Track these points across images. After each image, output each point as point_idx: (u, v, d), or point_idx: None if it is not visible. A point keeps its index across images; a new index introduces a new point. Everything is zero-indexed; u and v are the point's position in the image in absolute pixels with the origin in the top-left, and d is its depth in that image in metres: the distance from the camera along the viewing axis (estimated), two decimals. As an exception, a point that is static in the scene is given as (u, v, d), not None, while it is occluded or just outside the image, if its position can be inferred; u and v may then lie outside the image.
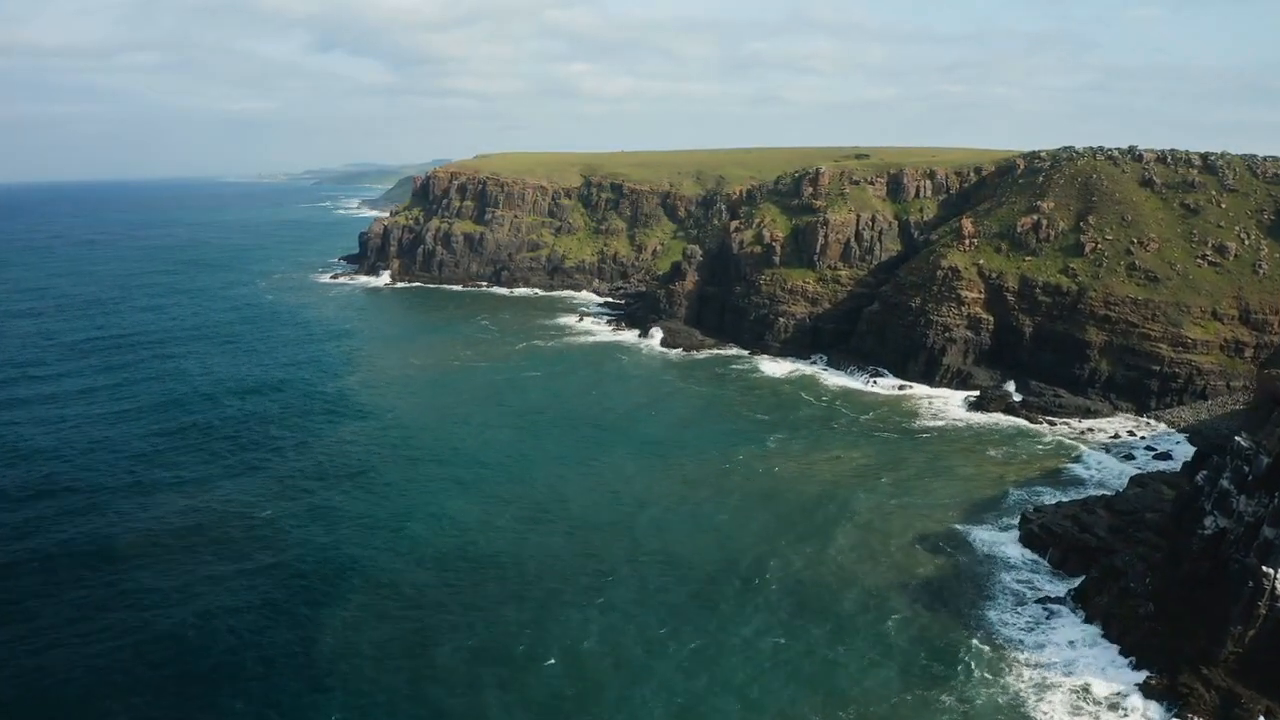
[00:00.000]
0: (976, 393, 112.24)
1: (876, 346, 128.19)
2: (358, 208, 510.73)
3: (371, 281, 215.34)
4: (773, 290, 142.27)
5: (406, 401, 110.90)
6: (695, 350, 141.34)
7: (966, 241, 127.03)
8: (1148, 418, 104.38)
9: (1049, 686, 52.59)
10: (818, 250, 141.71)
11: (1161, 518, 66.97)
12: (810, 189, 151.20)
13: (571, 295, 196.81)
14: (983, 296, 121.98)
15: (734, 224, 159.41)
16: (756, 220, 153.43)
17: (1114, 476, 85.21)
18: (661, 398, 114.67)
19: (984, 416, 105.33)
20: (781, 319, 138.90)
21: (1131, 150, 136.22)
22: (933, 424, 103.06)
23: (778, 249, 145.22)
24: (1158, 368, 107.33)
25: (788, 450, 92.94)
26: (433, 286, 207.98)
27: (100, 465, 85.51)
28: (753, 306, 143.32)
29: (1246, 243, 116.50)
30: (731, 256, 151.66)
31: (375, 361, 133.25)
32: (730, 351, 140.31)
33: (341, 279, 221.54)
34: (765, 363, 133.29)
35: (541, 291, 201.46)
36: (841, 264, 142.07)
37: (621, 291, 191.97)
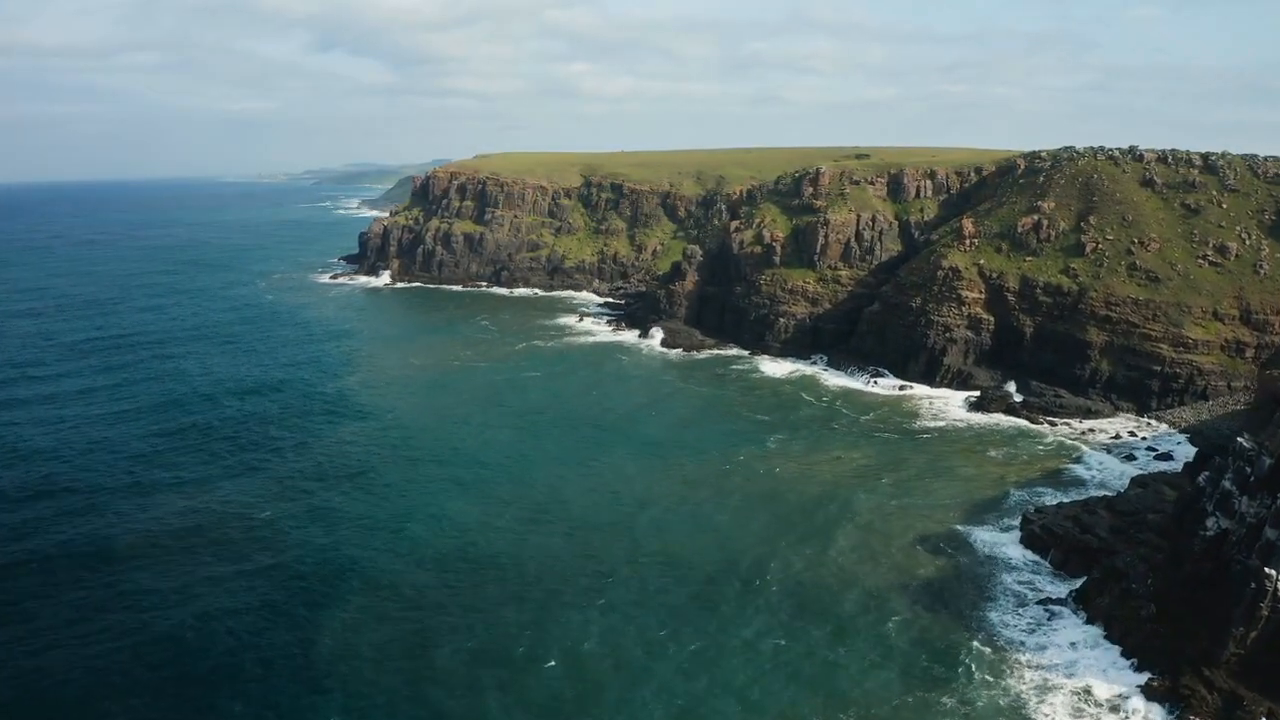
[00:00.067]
0: (977, 393, 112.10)
1: (877, 347, 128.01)
2: (358, 208, 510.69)
3: (371, 282, 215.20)
4: (773, 290, 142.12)
5: (406, 402, 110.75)
6: (695, 350, 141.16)
7: (967, 241, 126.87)
8: (1148, 418, 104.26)
9: (1050, 688, 52.44)
10: (818, 250, 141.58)
11: (1163, 519, 66.85)
12: (810, 189, 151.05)
13: (571, 295, 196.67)
14: (983, 297, 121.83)
15: (734, 224, 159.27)
16: (757, 220, 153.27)
17: (1115, 477, 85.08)
18: (662, 398, 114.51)
19: (985, 417, 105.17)
20: (782, 319, 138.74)
21: (1132, 150, 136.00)
22: (933, 424, 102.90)
23: (778, 249, 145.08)
24: (1158, 368, 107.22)
25: (788, 451, 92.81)
26: (432, 287, 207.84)
27: (99, 466, 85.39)
28: (753, 307, 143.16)
29: (1247, 243, 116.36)
30: (732, 256, 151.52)
31: (375, 362, 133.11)
32: (730, 352, 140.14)
33: (341, 279, 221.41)
34: (765, 363, 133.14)
35: (541, 292, 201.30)
36: (842, 264, 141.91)
37: (621, 292, 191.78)
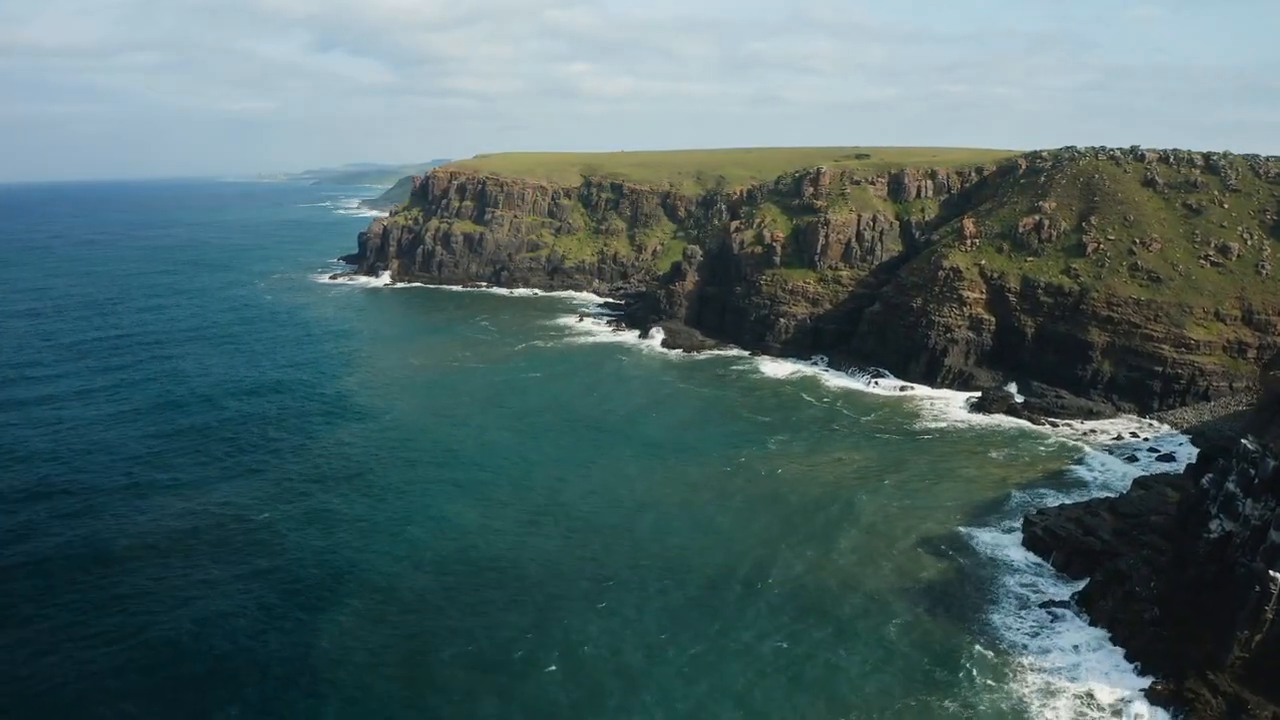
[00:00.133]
0: (978, 394, 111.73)
1: (878, 347, 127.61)
2: (357, 208, 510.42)
3: (371, 282, 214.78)
4: (773, 291, 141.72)
5: (405, 403, 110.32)
6: (696, 351, 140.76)
7: (968, 242, 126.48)
8: (1150, 419, 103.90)
9: (1053, 692, 52.09)
10: (818, 250, 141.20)
11: (1166, 521, 66.51)
12: (811, 189, 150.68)
13: (571, 296, 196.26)
14: (984, 297, 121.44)
15: (734, 224, 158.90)
16: (757, 220, 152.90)
17: (1117, 478, 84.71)
18: (662, 399, 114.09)
19: (986, 418, 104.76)
20: (782, 319, 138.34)
21: (1134, 150, 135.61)
22: (934, 425, 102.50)
23: (778, 249, 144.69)
24: (1160, 369, 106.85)
25: (789, 452, 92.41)
26: (432, 287, 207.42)
27: (96, 467, 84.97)
28: (753, 307, 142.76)
29: (1249, 243, 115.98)
30: (732, 257, 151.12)
31: (374, 362, 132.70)
32: (731, 352, 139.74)
33: (341, 279, 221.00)
34: (766, 363, 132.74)
35: (541, 292, 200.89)
36: (842, 264, 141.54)
37: (621, 292, 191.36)
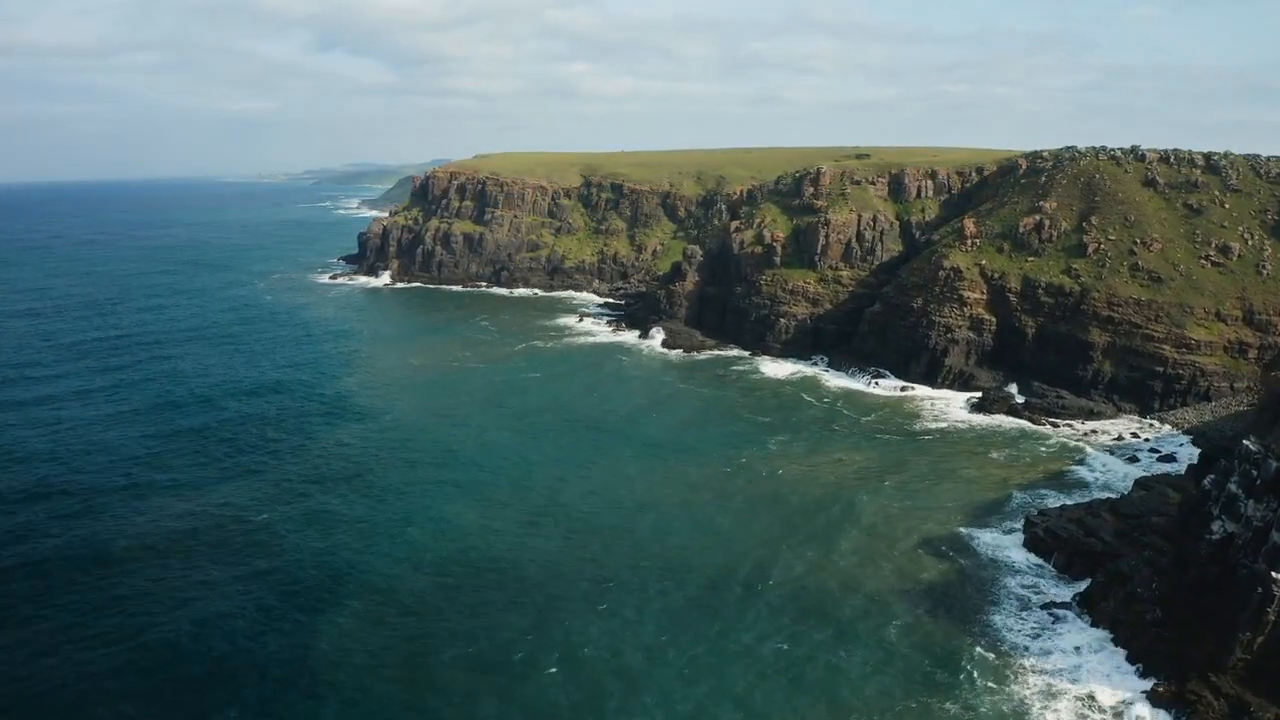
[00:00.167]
0: (979, 394, 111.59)
1: (878, 347, 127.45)
2: (357, 208, 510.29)
3: (371, 282, 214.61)
4: (773, 291, 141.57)
5: (405, 403, 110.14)
6: (696, 351, 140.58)
7: (968, 242, 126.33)
8: (1151, 419, 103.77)
9: (1054, 694, 51.92)
10: (819, 250, 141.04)
11: (1168, 522, 66.32)
12: (811, 189, 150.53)
13: (571, 296, 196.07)
14: (985, 297, 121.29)
15: (734, 224, 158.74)
16: (757, 220, 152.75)
17: (1118, 479, 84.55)
18: (662, 399, 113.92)
19: (987, 418, 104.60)
20: (782, 320, 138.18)
21: (1134, 150, 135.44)
22: (935, 426, 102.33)
23: (778, 249, 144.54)
24: (1161, 369, 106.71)
25: (789, 452, 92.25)
26: (432, 287, 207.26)
27: (96, 468, 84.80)
28: (753, 307, 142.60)
29: (1250, 243, 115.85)
30: (732, 257, 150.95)
31: (374, 363, 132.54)
32: (731, 352, 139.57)
33: (341, 279, 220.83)
34: (766, 364, 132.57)
35: (541, 292, 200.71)
36: (843, 264, 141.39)
37: (621, 292, 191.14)
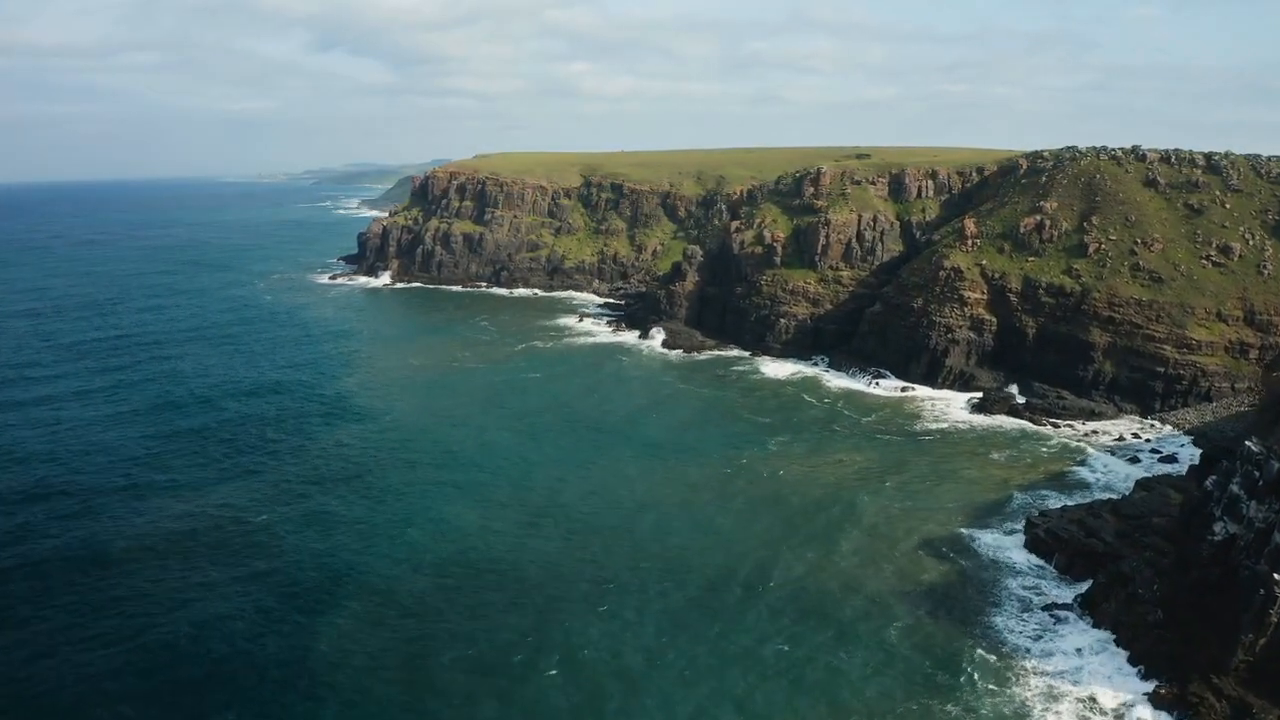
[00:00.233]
0: (979, 395, 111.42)
1: (878, 348, 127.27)
2: (357, 208, 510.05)
3: (370, 282, 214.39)
4: (774, 291, 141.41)
5: (405, 404, 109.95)
6: (696, 351, 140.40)
7: (969, 242, 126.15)
8: (1152, 420, 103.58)
9: (1056, 696, 51.73)
10: (819, 251, 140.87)
11: (1169, 523, 66.13)
12: (811, 189, 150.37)
13: (571, 296, 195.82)
14: (985, 297, 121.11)
15: (735, 224, 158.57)
16: (757, 220, 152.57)
17: (1120, 480, 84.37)
18: (662, 400, 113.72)
19: (987, 419, 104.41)
20: (783, 320, 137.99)
21: (1135, 150, 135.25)
22: (935, 426, 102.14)
23: (779, 249, 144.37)
24: (1162, 369, 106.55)
25: (790, 453, 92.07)
26: (432, 287, 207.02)
27: (95, 468, 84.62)
28: (754, 307, 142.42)
29: (1251, 243, 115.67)
30: (732, 257, 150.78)
31: (374, 363, 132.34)
32: (731, 353, 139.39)
33: (340, 279, 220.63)
34: (766, 364, 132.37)
35: (541, 292, 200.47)
36: (843, 264, 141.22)
37: (621, 292, 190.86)
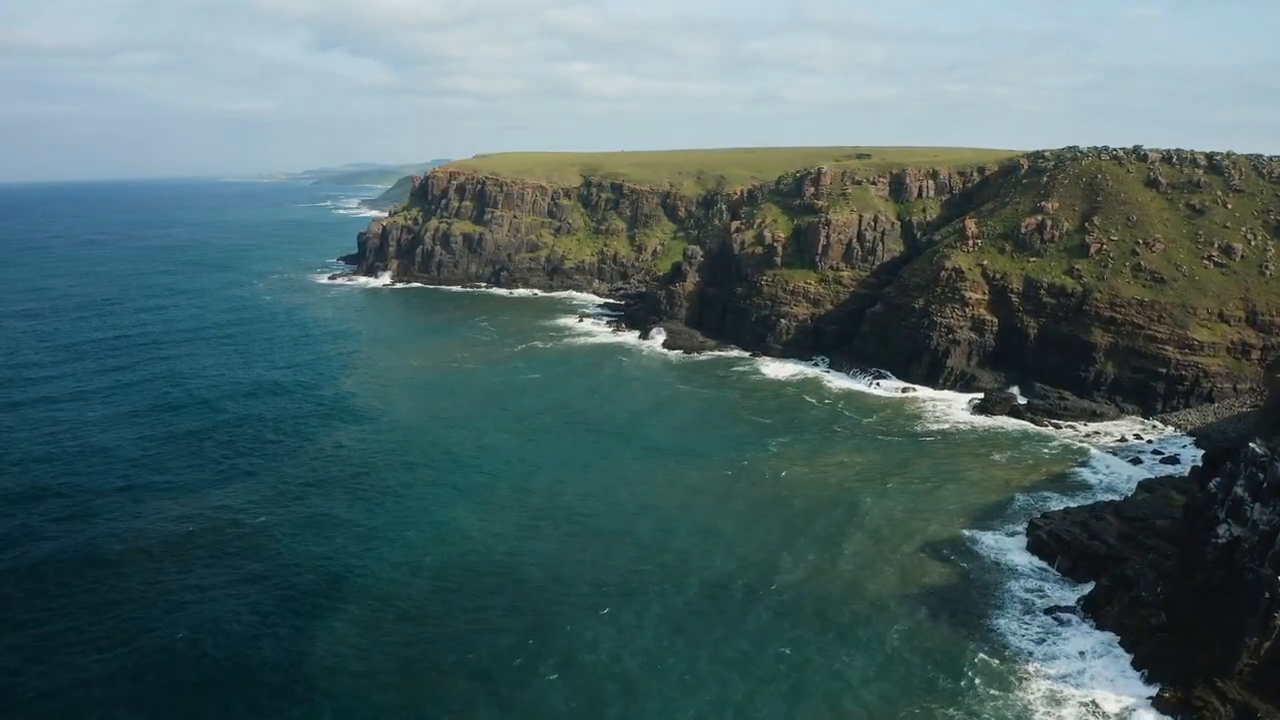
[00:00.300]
0: (981, 395, 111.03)
1: (879, 348, 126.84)
2: (357, 208, 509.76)
3: (370, 282, 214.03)
4: (774, 291, 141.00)
5: (404, 405, 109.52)
6: (696, 352, 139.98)
7: (970, 242, 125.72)
8: (1154, 420, 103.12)
9: (1058, 700, 51.32)
10: (820, 251, 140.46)
11: (1172, 525, 65.66)
12: (812, 189, 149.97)
13: (571, 296, 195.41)
14: (986, 298, 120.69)
15: (735, 224, 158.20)
16: (758, 220, 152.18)
17: (1122, 481, 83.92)
18: (663, 401, 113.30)
19: (989, 420, 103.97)
20: (783, 320, 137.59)
21: (1136, 150, 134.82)
22: (937, 427, 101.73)
23: (779, 249, 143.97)
24: (1164, 370, 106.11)
25: (791, 454, 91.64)
26: (431, 287, 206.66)
27: (92, 470, 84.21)
28: (754, 308, 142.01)
29: (1253, 243, 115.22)
30: (732, 257, 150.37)
31: (373, 364, 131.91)
32: (732, 353, 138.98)
33: (340, 279, 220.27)
34: (767, 364, 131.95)
35: (541, 292, 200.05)
36: (844, 265, 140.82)
37: (621, 292, 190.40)
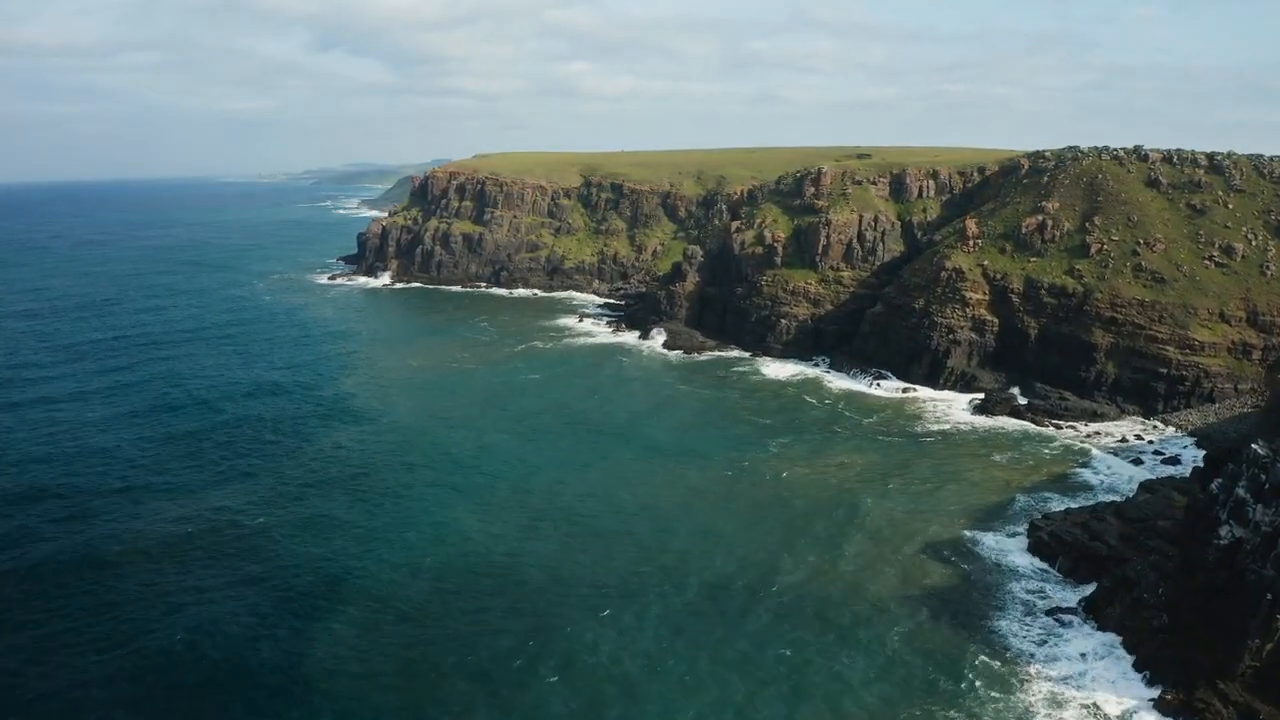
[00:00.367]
0: (981, 396, 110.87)
1: (879, 348, 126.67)
2: (357, 208, 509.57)
3: (370, 282, 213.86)
4: (774, 291, 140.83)
5: (404, 405, 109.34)
6: (696, 352, 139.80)
7: (970, 242, 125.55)
8: (1155, 421, 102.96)
9: (1060, 702, 51.17)
10: (820, 251, 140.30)
11: (1174, 526, 65.47)
12: (812, 189, 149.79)
13: (571, 296, 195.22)
14: (987, 298, 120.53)
15: (735, 224, 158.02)
16: (758, 220, 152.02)
17: (1123, 482, 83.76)
18: (663, 401, 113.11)
19: (989, 420, 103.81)
20: (783, 320, 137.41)
21: (1137, 150, 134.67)
22: (937, 428, 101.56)
23: (779, 250, 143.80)
24: (1165, 370, 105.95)
25: (792, 455, 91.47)
26: (431, 287, 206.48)
27: (91, 471, 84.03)
28: (754, 308, 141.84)
29: (1254, 244, 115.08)
30: (733, 257, 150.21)
31: (372, 364, 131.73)
32: (732, 353, 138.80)
33: (340, 280, 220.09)
34: (767, 365, 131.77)
35: (541, 292, 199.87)
36: (844, 265, 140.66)
37: (621, 292, 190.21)
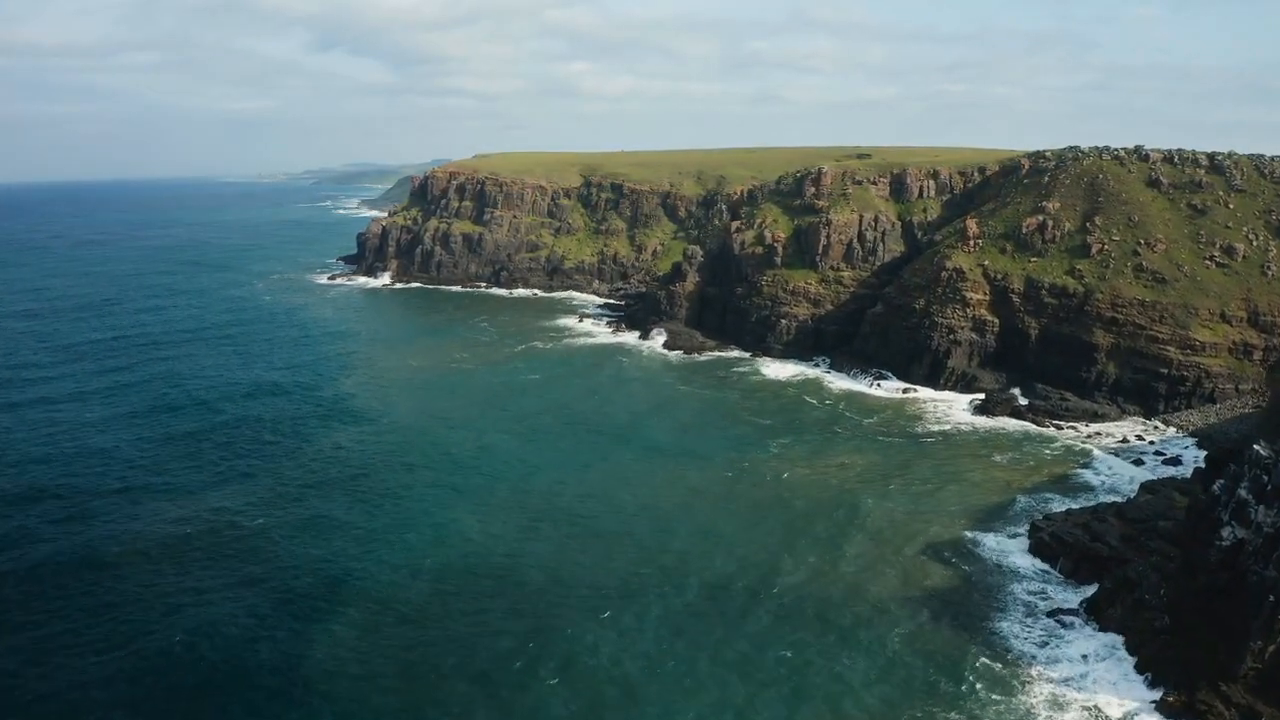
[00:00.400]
0: (982, 396, 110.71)
1: (880, 349, 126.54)
2: (357, 208, 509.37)
3: (370, 282, 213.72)
4: (774, 291, 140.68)
5: (404, 406, 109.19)
6: (696, 352, 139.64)
7: (971, 242, 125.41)
8: (1156, 421, 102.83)
9: (1061, 704, 51.04)
10: (820, 251, 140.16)
11: (1175, 526, 65.31)
12: (812, 189, 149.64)
13: (571, 296, 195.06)
14: (987, 298, 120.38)
15: (735, 224, 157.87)
16: (758, 221, 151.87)
17: (1124, 482, 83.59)
18: (663, 402, 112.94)
19: (990, 420, 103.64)
20: (783, 321, 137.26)
21: (1138, 150, 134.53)
22: (938, 428, 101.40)
23: (779, 250, 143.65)
24: (1166, 370, 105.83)
25: (792, 456, 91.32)
26: (431, 287, 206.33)
27: (90, 471, 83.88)
28: (754, 308, 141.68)
29: (1255, 244, 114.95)
30: (733, 257, 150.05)
31: (372, 364, 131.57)
32: (732, 354, 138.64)
33: (339, 280, 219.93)
34: (767, 365, 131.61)
35: (541, 292, 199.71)
36: (844, 265, 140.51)
37: (621, 292, 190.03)
